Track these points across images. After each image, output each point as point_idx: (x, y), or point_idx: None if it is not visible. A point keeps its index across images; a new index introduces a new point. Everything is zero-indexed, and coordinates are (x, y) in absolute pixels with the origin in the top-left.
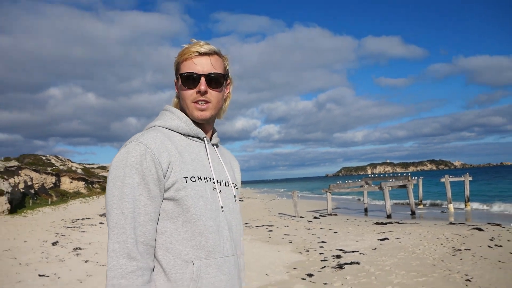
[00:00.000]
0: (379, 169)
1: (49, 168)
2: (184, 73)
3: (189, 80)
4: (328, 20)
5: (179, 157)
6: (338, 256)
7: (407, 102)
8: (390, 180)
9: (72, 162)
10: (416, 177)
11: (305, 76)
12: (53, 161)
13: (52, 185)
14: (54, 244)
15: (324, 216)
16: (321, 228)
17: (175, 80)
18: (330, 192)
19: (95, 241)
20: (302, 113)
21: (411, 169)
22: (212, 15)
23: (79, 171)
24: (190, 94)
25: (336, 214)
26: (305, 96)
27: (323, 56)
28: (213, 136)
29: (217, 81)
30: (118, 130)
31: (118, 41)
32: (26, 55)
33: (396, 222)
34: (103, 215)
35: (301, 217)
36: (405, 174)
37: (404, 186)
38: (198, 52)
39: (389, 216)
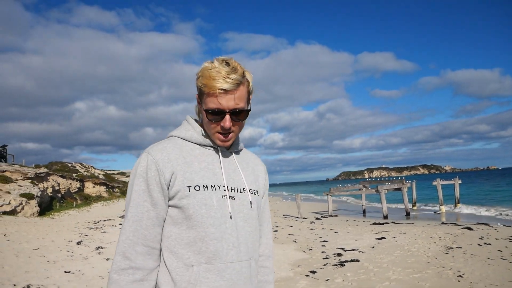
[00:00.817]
0: (375, 174)
1: (74, 174)
2: (209, 109)
3: (214, 115)
4: (327, 38)
5: (185, 167)
6: (339, 254)
7: (400, 111)
8: (386, 183)
9: (94, 168)
10: (410, 181)
11: (306, 89)
12: (78, 167)
13: (76, 189)
14: (78, 243)
15: (326, 217)
16: (323, 228)
17: (197, 96)
18: (330, 195)
19: (115, 240)
20: (304, 122)
21: (405, 173)
22: (221, 34)
23: (101, 176)
24: (214, 127)
25: (336, 215)
26: (306, 107)
27: (323, 70)
28: (234, 143)
29: (241, 114)
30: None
31: (137, 59)
32: (56, 73)
33: (392, 222)
34: (122, 216)
35: (304, 218)
36: (399, 178)
37: (399, 189)
38: (224, 90)
39: (385, 217)
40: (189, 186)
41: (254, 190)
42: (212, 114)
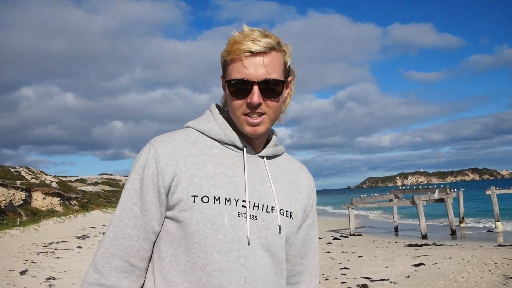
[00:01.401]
0: (410, 180)
1: (18, 182)
2: (232, 80)
3: (239, 88)
4: (347, 6)
5: (194, 169)
6: (364, 286)
7: (442, 100)
8: (425, 193)
9: (45, 174)
10: (455, 189)
11: (321, 71)
12: (23, 173)
13: (21, 202)
14: (22, 273)
15: (346, 236)
16: (342, 252)
17: (222, 78)
18: (352, 208)
19: (72, 269)
20: (318, 114)
21: (449, 179)
22: (212, 1)
23: (54, 185)
24: (239, 105)
25: (360, 234)
26: (321, 93)
27: (342, 47)
28: (267, 145)
29: (274, 89)
30: (101, 136)
31: (103, 32)
32: None
33: (433, 243)
34: (82, 237)
35: (318, 238)
36: (442, 185)
37: (441, 200)
38: (251, 51)
39: (424, 237)
40: (194, 196)
41: (287, 212)
42: (235, 86)
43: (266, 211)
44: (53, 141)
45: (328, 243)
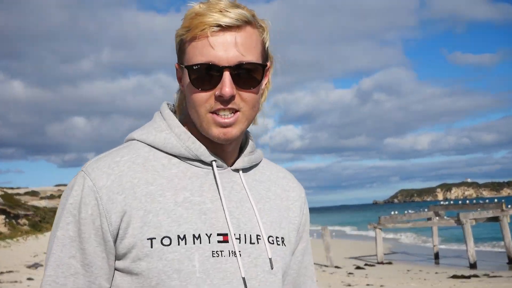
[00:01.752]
0: (455, 193)
1: None
2: (195, 64)
3: (203, 76)
4: None
5: (149, 202)
6: None
7: (497, 89)
8: (474, 209)
9: None
10: None
11: (341, 52)
12: None
13: None
14: None
15: (372, 265)
16: (367, 285)
17: (177, 65)
18: (380, 229)
19: None
20: (337, 108)
21: (505, 192)
22: None
23: None
24: (204, 99)
25: (390, 263)
26: (341, 81)
27: (368, 21)
28: (242, 154)
29: (251, 76)
30: (58, 136)
31: (59, 2)
32: None
33: (484, 275)
34: (33, 266)
35: (336, 267)
36: (496, 200)
37: (495, 219)
38: (219, 25)
39: (473, 266)
40: (151, 239)
41: (278, 238)
42: (198, 73)
43: (251, 243)
44: None
45: (349, 273)
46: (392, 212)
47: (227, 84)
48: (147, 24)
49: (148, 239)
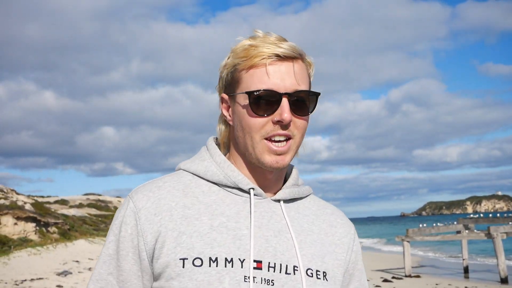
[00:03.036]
0: (485, 206)
1: None
2: (256, 90)
3: (263, 102)
4: None
5: (184, 224)
6: None
7: None
8: (505, 223)
9: (18, 193)
10: None
11: (369, 63)
12: None
13: None
14: None
15: (400, 278)
16: None
17: (225, 96)
18: (408, 241)
19: None
20: (365, 119)
21: None
22: None
23: (27, 207)
24: (261, 124)
25: (419, 276)
26: (368, 92)
27: (397, 32)
28: (285, 185)
29: (305, 104)
30: (88, 146)
31: (91, 14)
32: None
33: None
34: (63, 273)
35: None
36: None
37: None
38: (277, 55)
39: (504, 281)
40: (183, 259)
41: (318, 272)
42: (258, 99)
43: (286, 273)
44: (27, 152)
45: (377, 286)
46: (420, 225)
47: (286, 110)
48: (176, 36)
49: (180, 259)
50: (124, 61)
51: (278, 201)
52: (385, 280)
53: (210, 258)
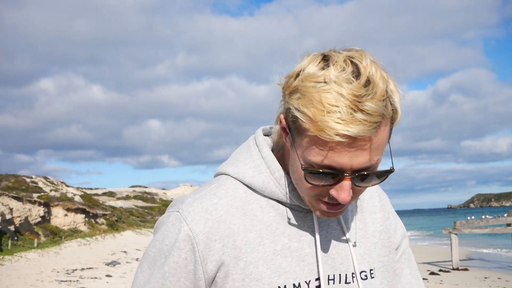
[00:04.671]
0: None
1: (35, 195)
2: (313, 167)
3: (321, 177)
4: None
5: (247, 252)
6: None
7: None
8: None
9: (67, 186)
10: None
11: (416, 53)
12: (41, 184)
13: (39, 219)
14: None
15: (448, 271)
16: None
17: (284, 120)
18: (456, 234)
19: None
20: (411, 110)
21: None
22: None
23: (77, 199)
24: (313, 190)
25: (467, 269)
26: (415, 83)
27: (446, 20)
28: None
29: (370, 175)
30: (135, 139)
31: (136, 9)
32: (7, 34)
33: None
34: (111, 263)
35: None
36: None
37: None
38: (348, 137)
39: None
40: None
41: (372, 271)
42: (315, 175)
43: (346, 282)
44: (76, 145)
45: (424, 279)
46: (469, 217)
47: (346, 192)
48: (220, 28)
49: None
50: (169, 55)
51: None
52: (432, 273)
53: (279, 287)
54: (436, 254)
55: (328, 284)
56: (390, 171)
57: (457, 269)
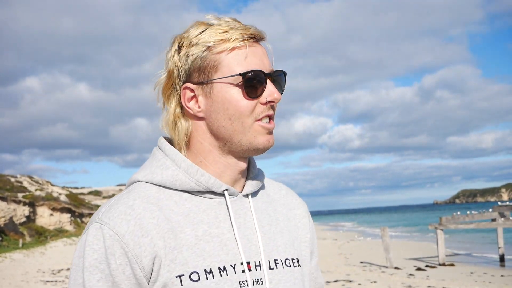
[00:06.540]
0: None
1: (20, 195)
2: (250, 71)
3: (255, 83)
4: None
5: (173, 240)
6: None
7: None
8: None
9: (53, 185)
10: None
11: (402, 49)
12: (25, 184)
13: (24, 219)
14: None
15: (434, 266)
16: (429, 286)
17: (189, 86)
18: (442, 229)
19: None
20: (398, 106)
21: None
22: None
23: (62, 198)
24: (252, 107)
25: (453, 264)
26: (401, 79)
27: (432, 17)
28: (249, 177)
29: (279, 84)
30: (121, 137)
31: (123, 7)
32: None
33: None
34: None
35: (396, 268)
36: None
37: None
38: (253, 36)
39: None
40: (180, 276)
41: (294, 260)
42: (249, 83)
43: (270, 268)
44: (62, 144)
45: (410, 275)
46: (454, 213)
47: (275, 90)
48: None
49: (176, 276)
50: (156, 53)
51: (247, 196)
52: (419, 269)
53: (205, 271)
54: (422, 250)
55: (256, 270)
56: (285, 72)
57: (444, 264)
